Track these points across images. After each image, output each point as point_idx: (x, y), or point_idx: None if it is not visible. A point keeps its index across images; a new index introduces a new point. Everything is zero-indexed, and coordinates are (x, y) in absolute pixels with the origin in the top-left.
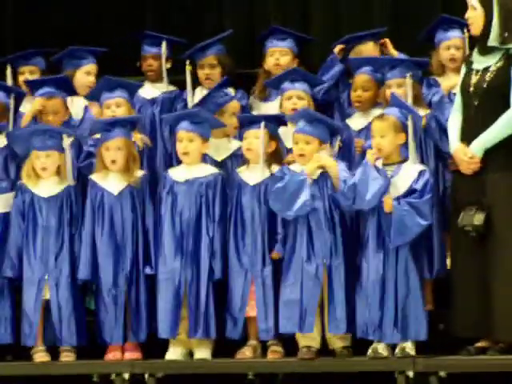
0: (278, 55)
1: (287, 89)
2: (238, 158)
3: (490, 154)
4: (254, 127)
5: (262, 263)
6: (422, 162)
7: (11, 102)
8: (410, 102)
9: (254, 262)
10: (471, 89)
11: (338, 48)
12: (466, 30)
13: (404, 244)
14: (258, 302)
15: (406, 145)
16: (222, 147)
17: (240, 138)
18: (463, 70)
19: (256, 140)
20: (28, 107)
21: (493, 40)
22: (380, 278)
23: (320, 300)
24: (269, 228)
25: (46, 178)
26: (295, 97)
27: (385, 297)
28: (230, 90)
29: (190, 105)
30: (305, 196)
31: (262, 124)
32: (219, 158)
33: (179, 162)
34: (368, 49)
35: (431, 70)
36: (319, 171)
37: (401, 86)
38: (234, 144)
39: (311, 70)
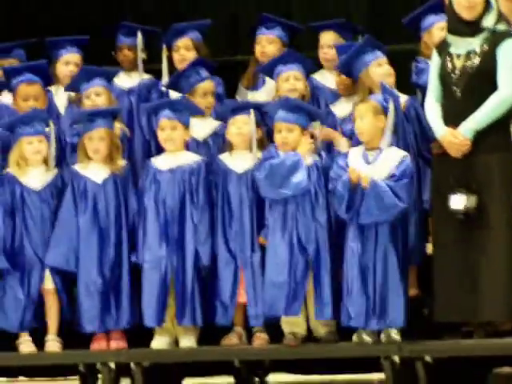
0: (265, 43)
1: (283, 71)
2: (219, 136)
3: (479, 135)
4: (242, 113)
5: (250, 249)
6: (404, 147)
7: None
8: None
9: (243, 248)
10: (457, 72)
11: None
12: None
13: (381, 225)
14: (248, 288)
15: None
16: (203, 126)
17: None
18: (437, 55)
19: (246, 125)
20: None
21: (489, 21)
22: (360, 264)
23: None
24: (257, 214)
25: (37, 163)
26: (292, 78)
27: (365, 283)
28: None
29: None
30: (302, 175)
31: (252, 111)
32: (201, 137)
33: (158, 151)
34: (330, 37)
35: (421, 53)
36: (311, 158)
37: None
38: (215, 123)
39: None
